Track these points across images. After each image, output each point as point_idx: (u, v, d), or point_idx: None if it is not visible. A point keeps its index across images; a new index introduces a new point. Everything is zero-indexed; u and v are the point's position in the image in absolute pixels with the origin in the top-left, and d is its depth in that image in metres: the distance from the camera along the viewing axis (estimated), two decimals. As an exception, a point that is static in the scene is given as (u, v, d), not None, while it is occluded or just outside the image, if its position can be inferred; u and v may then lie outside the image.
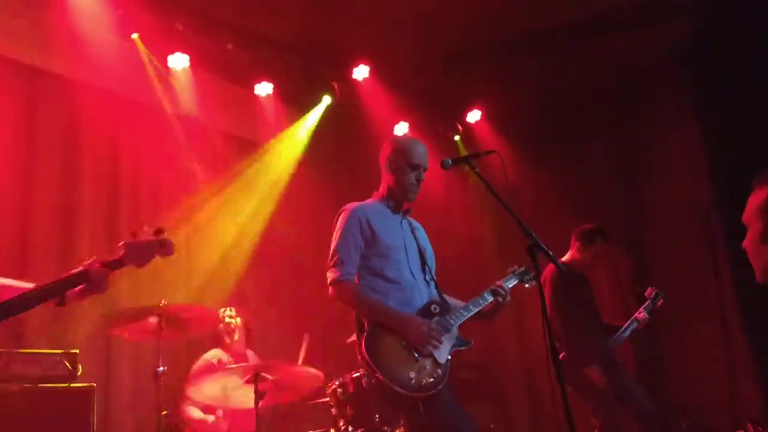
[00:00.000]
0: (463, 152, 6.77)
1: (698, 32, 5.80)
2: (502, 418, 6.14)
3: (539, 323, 2.56)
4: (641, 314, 4.72)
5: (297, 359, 4.33)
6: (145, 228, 2.33)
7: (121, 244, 2.29)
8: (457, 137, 6.98)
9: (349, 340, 3.72)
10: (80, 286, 2.27)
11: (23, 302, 2.17)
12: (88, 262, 2.27)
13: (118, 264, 2.28)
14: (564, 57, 5.98)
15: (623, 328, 4.67)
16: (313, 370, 3.77)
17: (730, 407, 5.69)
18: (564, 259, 4.76)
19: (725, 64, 5.62)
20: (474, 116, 6.84)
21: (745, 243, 2.12)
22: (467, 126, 6.93)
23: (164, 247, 2.34)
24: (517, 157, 5.87)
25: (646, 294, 4.82)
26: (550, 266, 4.46)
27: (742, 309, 5.66)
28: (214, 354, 4.40)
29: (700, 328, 5.33)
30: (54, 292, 2.23)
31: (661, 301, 4.81)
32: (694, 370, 5.83)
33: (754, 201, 2.12)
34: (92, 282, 2.25)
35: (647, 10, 5.57)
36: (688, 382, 5.84)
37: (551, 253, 2.70)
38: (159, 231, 2.36)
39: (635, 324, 4.69)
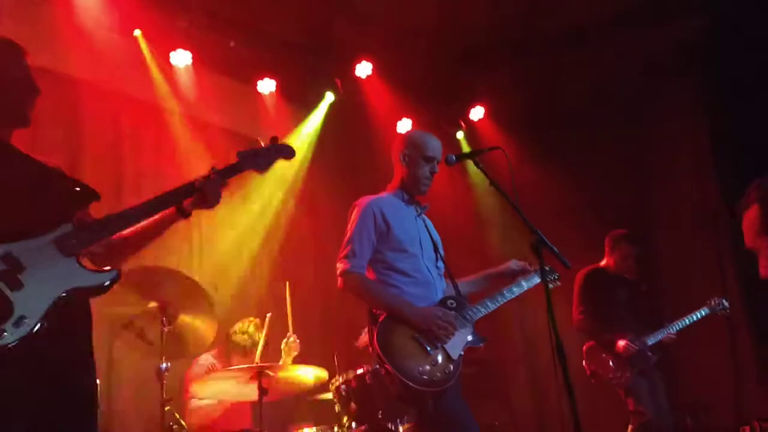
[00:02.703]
0: (467, 149, 6.75)
1: (707, 34, 5.77)
2: (507, 417, 6.14)
3: (544, 319, 2.55)
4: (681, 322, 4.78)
5: (297, 359, 4.29)
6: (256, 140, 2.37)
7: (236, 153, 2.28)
8: (460, 134, 6.96)
9: (358, 343, 3.72)
10: (189, 199, 2.22)
11: (133, 215, 2.13)
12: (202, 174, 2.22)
13: (234, 170, 2.28)
14: (569, 57, 5.97)
15: (668, 325, 4.75)
16: (316, 370, 3.77)
17: (735, 406, 5.68)
18: (601, 264, 5.00)
19: (734, 66, 5.60)
20: (477, 113, 6.82)
21: (763, 272, 2.09)
22: (470, 123, 6.91)
23: (284, 151, 2.42)
24: (520, 156, 5.86)
25: (709, 300, 4.89)
26: (583, 269, 4.82)
27: (748, 308, 5.64)
28: (209, 359, 4.38)
29: (705, 327, 5.31)
30: (163, 204, 2.19)
31: (726, 312, 4.88)
32: (699, 369, 5.82)
33: (748, 225, 2.11)
34: (204, 192, 2.21)
35: (656, 12, 5.56)
36: (693, 381, 5.82)
37: (556, 250, 2.68)
38: (274, 138, 2.43)
39: (680, 325, 4.76)
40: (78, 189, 2.14)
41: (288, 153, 2.44)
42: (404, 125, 6.50)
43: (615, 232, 5.01)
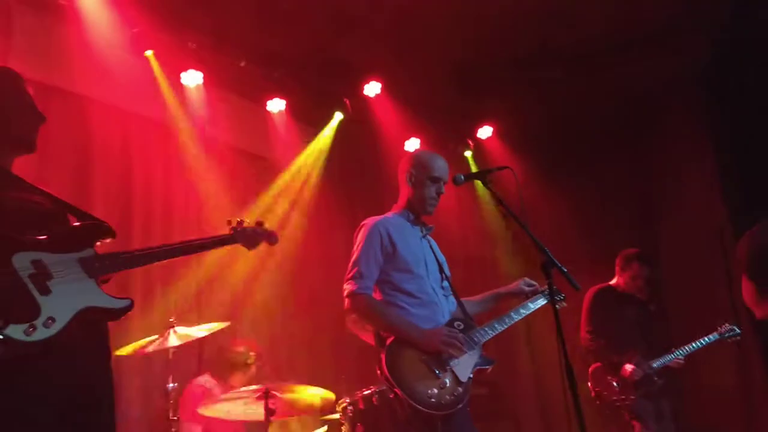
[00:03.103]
0: (474, 168, 6.76)
1: (713, 56, 5.79)
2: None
3: (553, 340, 2.53)
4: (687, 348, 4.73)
5: (304, 379, 4.27)
6: (240, 219, 2.67)
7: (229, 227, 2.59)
8: (468, 153, 6.97)
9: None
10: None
11: (157, 256, 2.33)
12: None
13: (230, 240, 2.58)
14: (578, 76, 5.98)
15: (676, 351, 4.69)
16: (323, 391, 3.75)
17: (746, 425, 5.61)
18: (611, 282, 4.98)
19: (740, 88, 5.62)
20: (485, 132, 6.83)
21: None
22: (478, 142, 6.92)
23: (271, 236, 2.72)
24: (528, 175, 5.86)
25: (719, 326, 4.83)
26: (591, 288, 4.78)
27: (757, 327, 5.58)
28: (205, 382, 4.37)
29: (716, 350, 5.27)
30: (198, 249, 2.50)
31: (737, 339, 4.79)
32: (709, 388, 5.76)
33: (747, 298, 2.11)
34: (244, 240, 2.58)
35: (662, 32, 5.57)
36: (703, 400, 5.76)
37: (565, 270, 2.67)
38: (260, 223, 2.71)
39: (688, 350, 4.72)
40: (98, 223, 2.25)
41: (272, 239, 2.73)
42: (412, 144, 6.52)
43: (627, 251, 4.99)
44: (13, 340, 1.81)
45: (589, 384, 4.64)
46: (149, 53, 5.13)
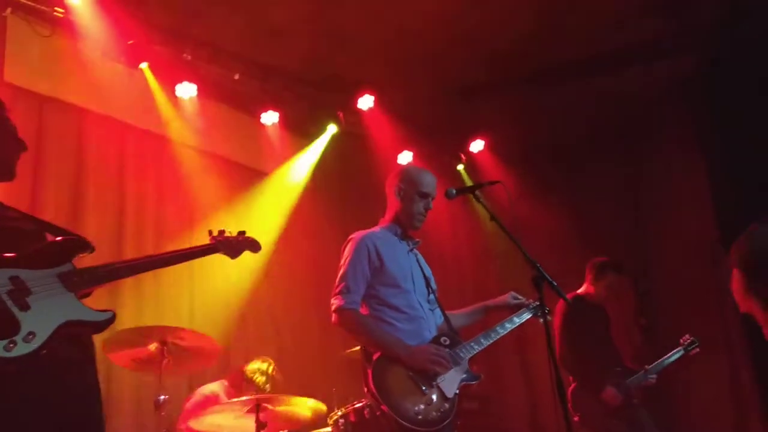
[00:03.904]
0: (468, 182, 6.80)
1: (703, 68, 5.86)
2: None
3: (543, 355, 2.55)
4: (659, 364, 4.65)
5: (295, 391, 4.26)
6: (221, 229, 2.70)
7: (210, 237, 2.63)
8: (460, 167, 7.01)
9: (347, 351, 3.68)
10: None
11: (140, 266, 2.34)
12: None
13: (212, 249, 2.60)
14: (570, 90, 6.04)
15: (650, 368, 4.60)
16: (314, 403, 3.74)
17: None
18: (579, 291, 4.81)
19: (731, 99, 5.66)
20: (477, 146, 6.88)
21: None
22: (471, 156, 6.96)
23: (253, 245, 2.76)
24: (520, 189, 5.90)
25: (681, 341, 4.75)
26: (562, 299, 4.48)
27: (749, 343, 5.61)
28: (212, 389, 4.35)
29: (706, 362, 5.29)
30: (180, 259, 2.48)
31: (696, 350, 4.71)
32: (699, 405, 5.77)
33: (735, 292, 2.14)
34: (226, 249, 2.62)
35: (653, 47, 5.64)
36: (694, 416, 5.77)
37: (555, 284, 2.69)
38: (242, 233, 2.74)
39: (659, 367, 4.63)
40: (75, 238, 2.24)
41: (254, 247, 2.77)
42: (405, 157, 6.55)
43: (598, 260, 4.84)
44: None
45: (570, 406, 4.55)
46: (144, 65, 5.16)
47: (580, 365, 4.46)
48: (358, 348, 3.11)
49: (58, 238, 2.20)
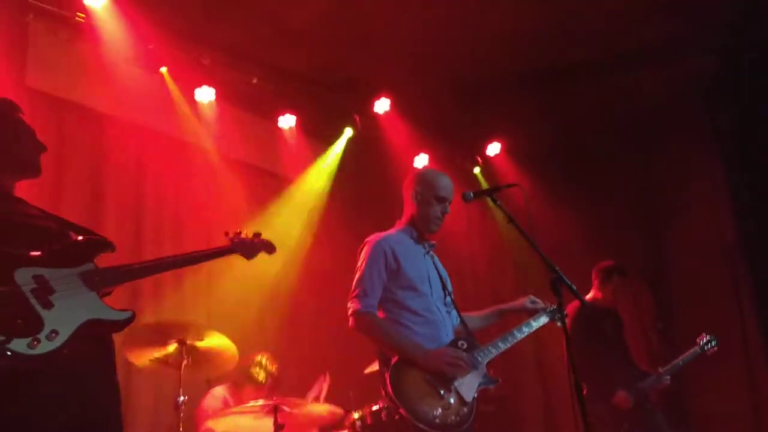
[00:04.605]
0: (484, 185, 6.78)
1: (722, 70, 5.81)
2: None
3: (560, 358, 2.54)
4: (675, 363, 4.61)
5: (316, 396, 4.27)
6: (238, 230, 2.71)
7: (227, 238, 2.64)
8: (476, 170, 7.00)
9: (367, 371, 3.70)
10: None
11: (158, 267, 2.38)
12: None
13: (228, 250, 2.62)
14: (585, 92, 6.01)
15: (664, 370, 4.56)
16: (331, 406, 3.75)
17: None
18: (587, 297, 4.79)
19: (750, 101, 5.61)
20: (494, 149, 6.86)
21: None
22: (487, 159, 6.95)
23: (269, 246, 2.76)
24: (536, 192, 5.88)
25: (698, 339, 4.69)
26: (573, 303, 4.39)
27: (766, 345, 5.55)
28: (221, 392, 4.38)
29: (723, 367, 5.23)
30: (198, 260, 2.51)
31: (714, 349, 4.65)
32: (717, 410, 5.71)
33: None
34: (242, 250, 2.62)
35: (671, 47, 5.59)
36: (711, 422, 5.71)
37: (574, 287, 2.68)
38: (257, 235, 2.75)
39: (674, 369, 4.58)
40: (97, 238, 2.29)
41: (270, 249, 2.78)
42: (421, 160, 6.55)
43: (605, 265, 4.84)
44: (17, 354, 1.82)
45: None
46: (163, 69, 5.21)
47: (589, 370, 4.31)
48: (376, 368, 3.10)
49: (80, 238, 2.25)
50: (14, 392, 1.88)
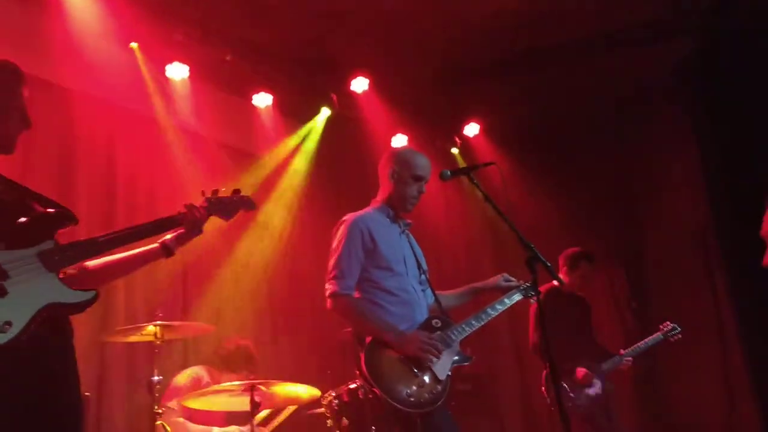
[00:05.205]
0: (462, 164, 6.78)
1: (698, 52, 5.84)
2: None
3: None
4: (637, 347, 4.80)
5: (290, 376, 4.24)
6: (215, 188, 2.48)
7: (203, 198, 2.40)
8: (455, 150, 6.99)
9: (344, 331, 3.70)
10: (177, 232, 2.32)
11: (115, 240, 2.17)
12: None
13: (206, 211, 2.37)
14: (562, 74, 6.01)
15: (626, 352, 4.76)
16: (308, 386, 3.75)
17: (728, 427, 5.66)
18: (555, 282, 4.81)
19: (725, 84, 5.65)
20: (472, 130, 6.85)
21: (766, 261, 2.13)
22: (465, 139, 6.94)
23: (246, 202, 2.54)
24: (514, 172, 5.90)
25: (661, 326, 4.87)
26: (543, 285, 4.55)
27: (741, 328, 5.65)
28: (197, 371, 4.33)
29: (698, 347, 5.33)
30: (148, 232, 2.26)
31: (678, 337, 4.84)
32: (691, 390, 5.82)
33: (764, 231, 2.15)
34: (188, 222, 2.32)
35: (646, 30, 5.61)
36: (685, 402, 5.82)
37: (549, 265, 2.69)
38: (237, 191, 2.54)
39: (635, 351, 4.78)
40: (57, 210, 2.16)
41: (249, 205, 2.57)
42: (399, 141, 6.52)
43: (572, 251, 4.95)
44: None
45: (543, 389, 4.66)
46: (134, 45, 5.09)
47: (552, 348, 4.51)
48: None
49: (39, 212, 2.11)
50: None
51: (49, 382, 1.97)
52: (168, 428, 3.70)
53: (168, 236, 2.33)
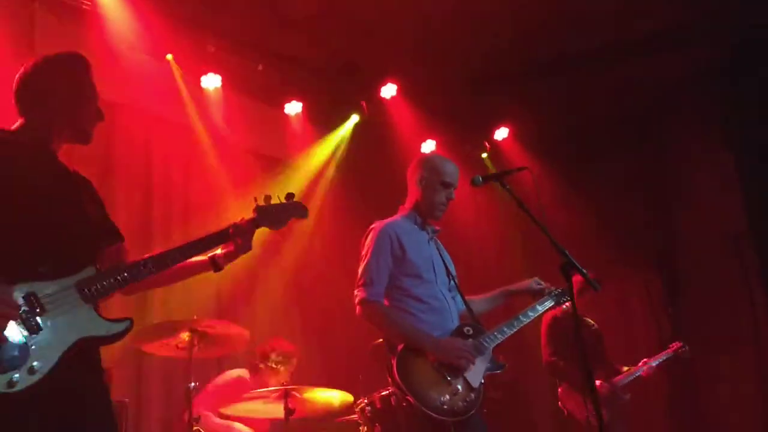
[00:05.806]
0: (492, 170, 6.75)
1: (731, 54, 5.75)
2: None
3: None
4: (650, 363, 4.80)
5: (322, 381, 4.26)
6: (267, 195, 2.35)
7: (253, 208, 2.29)
8: (484, 155, 6.96)
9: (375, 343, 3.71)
10: (227, 248, 2.25)
11: (167, 258, 2.11)
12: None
13: (253, 224, 2.27)
14: (593, 77, 5.97)
15: (634, 371, 4.77)
16: (341, 392, 3.77)
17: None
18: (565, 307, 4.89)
19: (759, 86, 5.55)
20: (501, 134, 6.82)
21: None
22: (495, 144, 6.91)
23: (299, 209, 2.41)
24: (544, 177, 5.84)
25: (671, 345, 4.91)
26: (550, 312, 4.47)
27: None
28: (239, 373, 4.38)
29: (733, 354, 5.23)
30: (198, 249, 2.19)
31: (687, 355, 4.88)
32: (727, 398, 5.71)
33: None
34: (238, 237, 2.22)
35: (680, 35, 5.55)
36: (721, 410, 5.70)
37: (585, 271, 2.66)
38: (290, 195, 2.41)
39: (640, 371, 4.79)
40: (103, 227, 2.17)
41: (302, 213, 2.44)
42: (428, 146, 6.52)
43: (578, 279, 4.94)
44: None
45: (560, 404, 4.61)
46: (169, 57, 5.20)
47: (566, 367, 4.62)
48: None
49: (85, 227, 2.08)
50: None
51: (75, 403, 1.92)
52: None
53: (218, 251, 2.27)
